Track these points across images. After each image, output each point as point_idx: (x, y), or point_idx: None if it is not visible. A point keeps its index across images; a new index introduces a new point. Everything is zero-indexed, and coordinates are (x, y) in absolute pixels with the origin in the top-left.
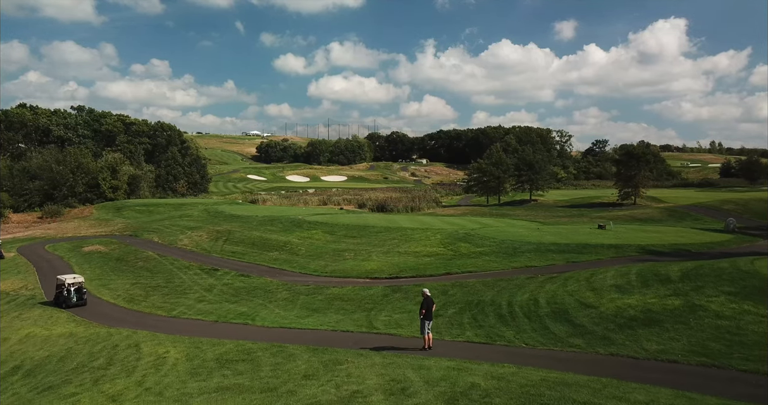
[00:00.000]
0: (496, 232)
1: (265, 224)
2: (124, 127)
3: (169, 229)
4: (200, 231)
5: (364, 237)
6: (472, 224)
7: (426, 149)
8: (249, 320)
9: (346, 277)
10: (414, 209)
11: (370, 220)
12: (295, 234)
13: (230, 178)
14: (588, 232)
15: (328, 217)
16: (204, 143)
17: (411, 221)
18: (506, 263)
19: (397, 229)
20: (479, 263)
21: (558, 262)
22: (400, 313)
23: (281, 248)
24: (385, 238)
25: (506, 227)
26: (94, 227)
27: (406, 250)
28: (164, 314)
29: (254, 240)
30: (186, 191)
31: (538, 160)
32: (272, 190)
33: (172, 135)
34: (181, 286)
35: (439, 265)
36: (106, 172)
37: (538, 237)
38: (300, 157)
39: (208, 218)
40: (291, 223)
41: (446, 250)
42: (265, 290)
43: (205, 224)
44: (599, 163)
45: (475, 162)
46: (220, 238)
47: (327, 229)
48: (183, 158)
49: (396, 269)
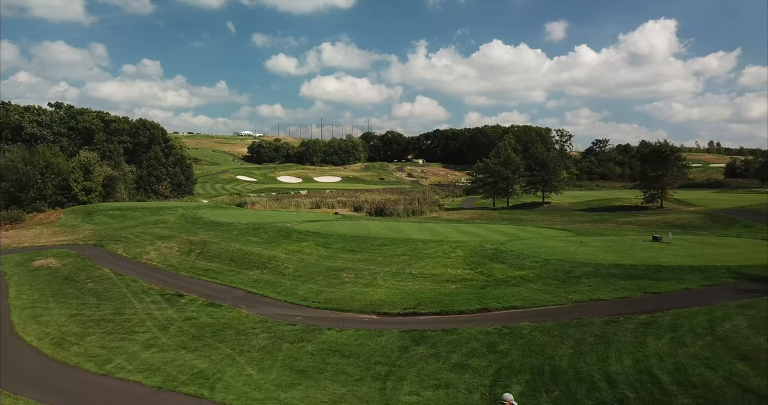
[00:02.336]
0: (532, 246)
1: (247, 234)
2: (103, 124)
3: (138, 238)
4: (172, 241)
5: (365, 251)
6: (495, 234)
7: (422, 149)
8: (206, 390)
9: (346, 311)
10: (416, 213)
11: (371, 229)
12: (281, 247)
13: (218, 179)
14: (646, 247)
15: (321, 225)
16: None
17: (420, 230)
18: (562, 294)
19: (406, 241)
20: (525, 294)
21: (632, 294)
22: (432, 388)
23: (264, 265)
24: (391, 253)
25: (541, 239)
26: (57, 235)
27: (422, 271)
28: (94, 369)
29: (233, 254)
30: (169, 193)
31: (552, 159)
32: (262, 191)
33: (155, 133)
34: (131, 321)
35: (470, 295)
36: (78, 173)
37: (588, 254)
38: (293, 158)
39: (184, 225)
40: (278, 232)
41: (475, 274)
42: (237, 331)
43: (180, 233)
44: (602, 163)
45: (480, 161)
46: (193, 252)
47: (320, 240)
48: (166, 158)
49: (412, 301)
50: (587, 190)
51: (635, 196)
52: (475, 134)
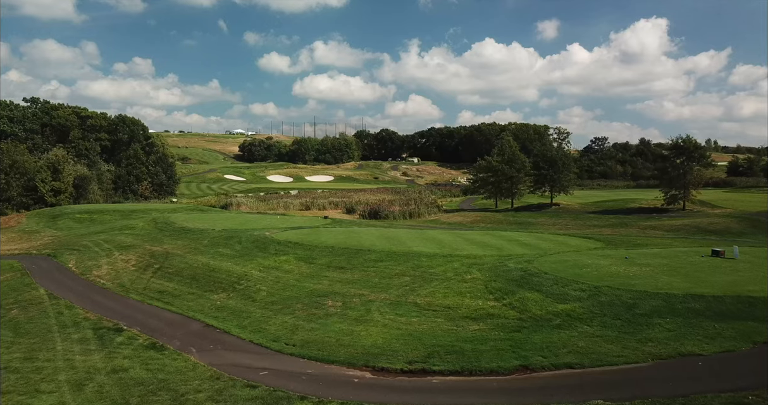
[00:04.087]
0: (568, 265)
1: (218, 244)
2: (79, 121)
3: (98, 247)
4: (131, 253)
5: (356, 269)
6: (511, 245)
7: (417, 148)
8: None
9: (329, 362)
10: (413, 215)
11: (365, 239)
12: (256, 261)
13: (205, 179)
14: (713, 266)
15: (305, 233)
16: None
17: (422, 240)
18: (633, 344)
19: (407, 255)
20: (579, 342)
21: (737, 345)
22: None
23: (233, 286)
24: (389, 272)
25: (573, 254)
26: (12, 242)
27: (430, 300)
28: None
29: (197, 271)
30: (150, 194)
31: (561, 156)
32: (251, 191)
33: (135, 130)
34: (41, 372)
35: (502, 343)
36: (46, 172)
37: (646, 277)
38: (284, 156)
39: (151, 232)
40: (254, 243)
41: (503, 307)
42: (174, 395)
43: (144, 242)
44: (602, 161)
45: (482, 159)
46: (152, 266)
47: (302, 253)
48: (147, 157)
49: (420, 349)
50: (589, 189)
51: (655, 196)
52: (471, 132)
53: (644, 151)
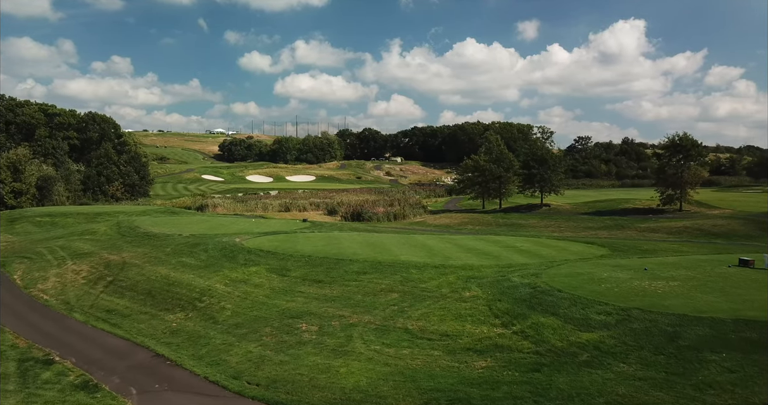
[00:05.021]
0: (582, 279)
1: (182, 252)
2: (46, 118)
3: (53, 254)
4: (84, 262)
5: (336, 283)
6: (509, 253)
7: (400, 147)
8: None
9: None
10: (398, 217)
11: (346, 246)
12: (222, 273)
13: (182, 179)
14: (748, 279)
15: (281, 239)
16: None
17: (409, 247)
18: (689, 392)
19: (393, 266)
20: (619, 388)
21: None
22: None
23: (193, 304)
24: (374, 287)
25: (582, 264)
26: None
27: (423, 325)
28: None
29: (154, 285)
30: (122, 195)
31: (552, 155)
32: (228, 192)
33: (106, 128)
34: None
35: (519, 388)
36: (6, 173)
37: (678, 295)
38: (265, 156)
39: (112, 238)
40: (222, 251)
41: (513, 336)
42: None
43: (102, 249)
44: (586, 160)
45: (468, 158)
46: (104, 279)
47: (275, 264)
48: (119, 156)
49: (415, 395)
50: (575, 189)
51: (650, 196)
52: (454, 131)
53: (628, 151)
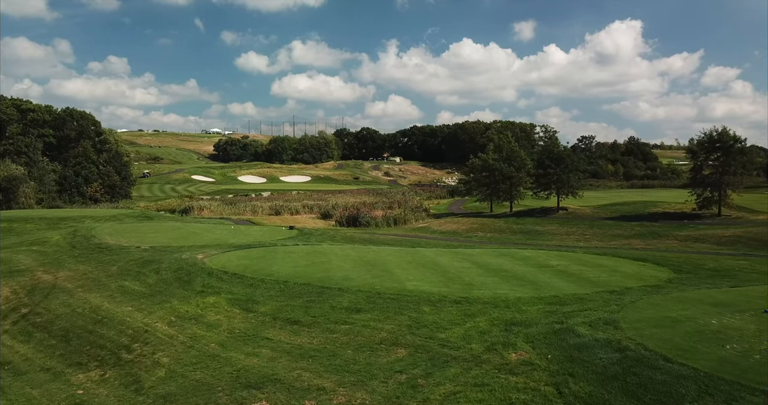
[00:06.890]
0: (686, 333)
1: (128, 273)
2: (19, 114)
3: None
4: (10, 283)
5: (318, 326)
6: (546, 276)
7: (398, 147)
8: None
9: None
10: (399, 221)
11: (335, 266)
12: (169, 305)
13: (170, 180)
14: None
15: (255, 256)
16: (159, 141)
17: (416, 266)
18: None
19: (397, 298)
20: None
21: None
22: None
23: (116, 355)
24: (371, 335)
25: (667, 302)
26: None
27: None
28: None
29: (75, 323)
30: (101, 197)
31: (569, 154)
32: (218, 193)
33: (85, 126)
34: None
35: None
36: None
37: None
38: (261, 156)
39: (60, 250)
40: (177, 272)
41: None
42: None
43: (40, 265)
44: (592, 160)
45: (475, 157)
46: (17, 311)
47: (241, 292)
48: (98, 155)
49: None
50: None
51: (685, 199)
52: (454, 131)
53: (634, 150)
